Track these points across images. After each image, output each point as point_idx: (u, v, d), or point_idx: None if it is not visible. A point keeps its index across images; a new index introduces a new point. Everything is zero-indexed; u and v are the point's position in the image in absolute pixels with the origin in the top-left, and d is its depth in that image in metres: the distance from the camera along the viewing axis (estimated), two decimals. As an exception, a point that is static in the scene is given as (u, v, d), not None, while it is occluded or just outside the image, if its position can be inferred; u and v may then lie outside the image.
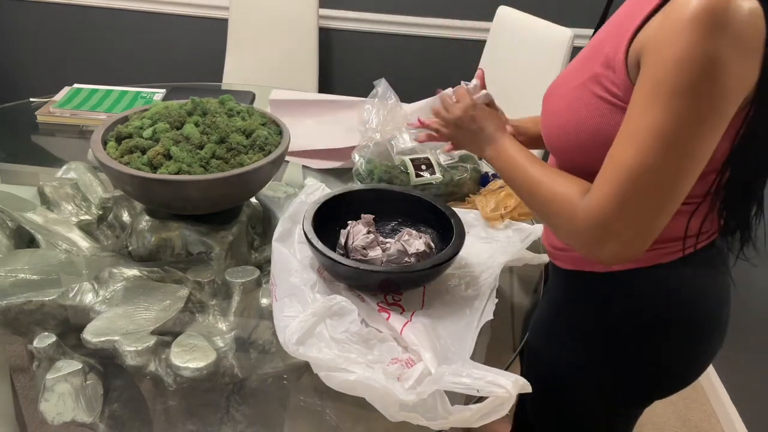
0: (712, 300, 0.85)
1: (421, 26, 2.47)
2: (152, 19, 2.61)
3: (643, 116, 0.65)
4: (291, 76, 2.39)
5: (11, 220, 1.07)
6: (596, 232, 0.69)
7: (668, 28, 0.63)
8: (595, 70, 0.73)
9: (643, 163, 0.65)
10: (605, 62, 0.72)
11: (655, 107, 0.64)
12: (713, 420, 1.87)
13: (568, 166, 0.80)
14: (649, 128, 0.64)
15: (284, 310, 0.89)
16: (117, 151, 1.00)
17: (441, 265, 0.92)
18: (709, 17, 0.60)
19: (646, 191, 0.66)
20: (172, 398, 0.88)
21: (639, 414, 0.98)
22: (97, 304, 0.91)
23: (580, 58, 0.82)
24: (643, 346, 0.85)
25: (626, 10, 0.75)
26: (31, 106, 1.70)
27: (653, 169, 0.65)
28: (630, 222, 0.67)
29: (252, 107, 1.16)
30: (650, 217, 0.67)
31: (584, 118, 0.74)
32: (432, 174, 1.30)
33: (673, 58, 0.62)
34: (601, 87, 0.73)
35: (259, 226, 1.17)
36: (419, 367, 0.80)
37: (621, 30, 0.71)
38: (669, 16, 0.64)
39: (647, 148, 0.64)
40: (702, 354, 0.88)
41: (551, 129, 0.82)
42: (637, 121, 0.66)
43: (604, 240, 0.69)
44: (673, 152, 0.64)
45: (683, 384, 0.90)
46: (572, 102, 0.77)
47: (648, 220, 0.67)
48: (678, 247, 0.80)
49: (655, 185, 0.66)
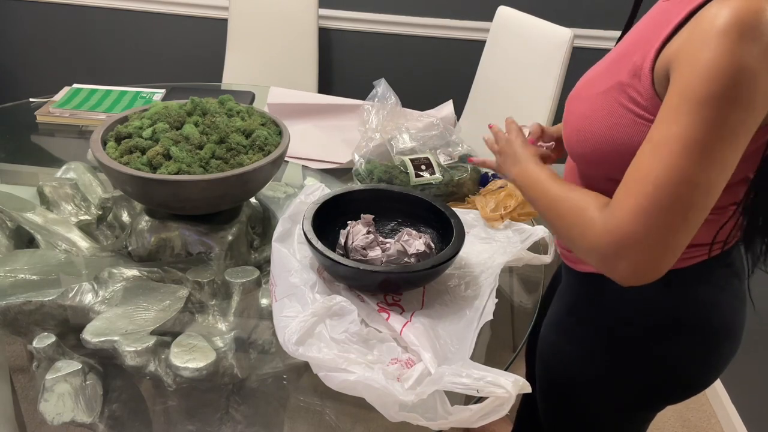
0: (726, 307, 0.84)
1: (421, 26, 2.47)
2: (152, 19, 2.61)
3: (671, 127, 0.63)
4: (291, 76, 2.39)
5: (11, 220, 1.07)
6: (615, 247, 0.66)
7: (698, 39, 0.62)
8: (621, 78, 0.73)
9: (670, 175, 0.63)
10: (632, 71, 0.71)
11: (683, 117, 0.62)
12: (713, 420, 1.87)
13: (585, 170, 0.80)
14: (677, 139, 0.62)
15: (284, 310, 0.89)
16: (116, 151, 1.00)
17: (441, 265, 0.92)
18: (740, 28, 0.59)
19: (673, 204, 0.63)
20: (172, 398, 0.88)
21: (651, 418, 0.97)
22: (96, 305, 0.91)
23: (606, 62, 0.80)
24: (656, 351, 0.85)
25: (653, 19, 0.74)
26: (31, 106, 1.70)
27: (681, 181, 0.63)
28: (654, 238, 0.64)
29: (252, 107, 1.15)
30: (675, 231, 0.64)
31: (607, 126, 0.74)
32: (432, 174, 1.30)
33: (703, 67, 0.61)
34: (626, 96, 0.72)
35: (258, 226, 1.17)
36: (419, 368, 0.80)
37: (649, 39, 0.70)
38: (699, 27, 0.63)
39: (675, 159, 0.62)
40: (715, 360, 0.87)
41: (572, 132, 0.81)
42: (664, 132, 0.64)
43: (621, 255, 0.66)
44: (702, 162, 0.62)
45: (696, 390, 0.89)
46: (596, 108, 0.76)
47: (673, 235, 0.64)
48: (697, 252, 0.79)
49: (683, 198, 0.63)
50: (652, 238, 0.65)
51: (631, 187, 0.66)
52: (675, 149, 0.62)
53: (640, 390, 0.88)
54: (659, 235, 0.64)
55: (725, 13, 0.60)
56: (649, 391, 0.88)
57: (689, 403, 1.92)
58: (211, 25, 2.57)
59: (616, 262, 0.67)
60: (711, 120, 0.61)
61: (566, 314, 0.94)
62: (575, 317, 0.92)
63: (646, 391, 0.88)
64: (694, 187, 0.63)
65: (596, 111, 0.76)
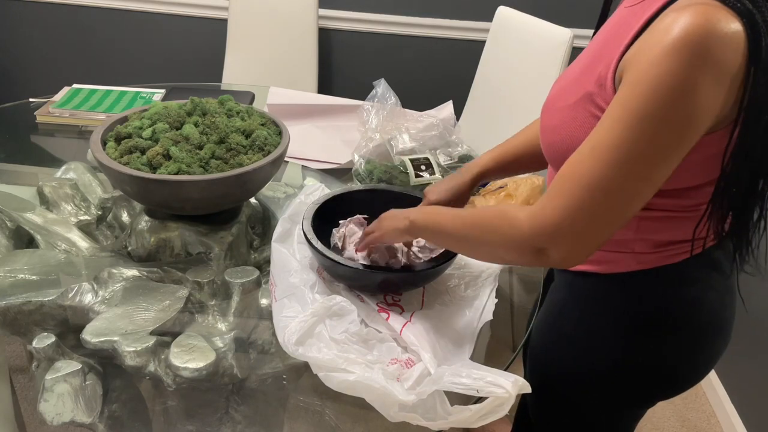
0: (714, 303, 0.85)
1: (421, 26, 2.47)
2: (152, 19, 2.61)
3: (609, 134, 0.65)
4: (290, 76, 2.39)
5: (10, 220, 1.07)
6: (543, 238, 0.70)
7: (647, 52, 0.64)
8: (588, 89, 0.74)
9: (599, 183, 0.66)
10: (597, 81, 0.72)
11: (621, 128, 0.64)
12: (713, 420, 1.87)
13: None
14: (611, 148, 0.65)
15: (284, 310, 0.89)
16: (116, 151, 1.00)
17: (441, 265, 0.92)
18: (689, 47, 0.60)
19: (597, 208, 0.67)
20: (172, 398, 0.88)
21: (641, 415, 0.98)
22: (96, 305, 0.91)
23: (575, 70, 0.81)
24: (645, 347, 0.85)
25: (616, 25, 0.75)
26: (31, 106, 1.70)
27: (609, 189, 0.66)
28: (580, 230, 0.68)
29: (251, 107, 1.15)
30: (598, 231, 0.69)
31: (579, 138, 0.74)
32: (431, 174, 1.30)
33: (648, 83, 0.63)
34: (594, 105, 0.73)
35: (258, 227, 1.17)
36: (419, 368, 0.80)
37: (611, 49, 0.71)
38: (651, 39, 0.64)
39: (605, 169, 0.65)
40: (704, 356, 0.88)
41: (549, 144, 0.82)
42: (602, 138, 0.66)
43: (551, 245, 0.70)
44: (630, 175, 0.65)
45: (686, 385, 0.90)
46: (568, 120, 0.77)
47: (596, 233, 0.69)
48: (680, 249, 0.80)
49: (607, 203, 0.66)
50: (577, 234, 0.69)
51: (563, 186, 0.69)
52: (607, 158, 0.65)
53: (630, 387, 0.89)
54: (583, 233, 0.69)
55: (678, 28, 0.61)
56: (640, 388, 0.89)
57: (689, 403, 1.92)
58: (211, 25, 2.57)
59: (540, 252, 0.71)
60: (647, 137, 0.63)
61: (557, 312, 0.95)
62: (565, 315, 0.93)
63: (637, 387, 0.89)
64: (619, 196, 0.66)
65: (567, 123, 0.77)
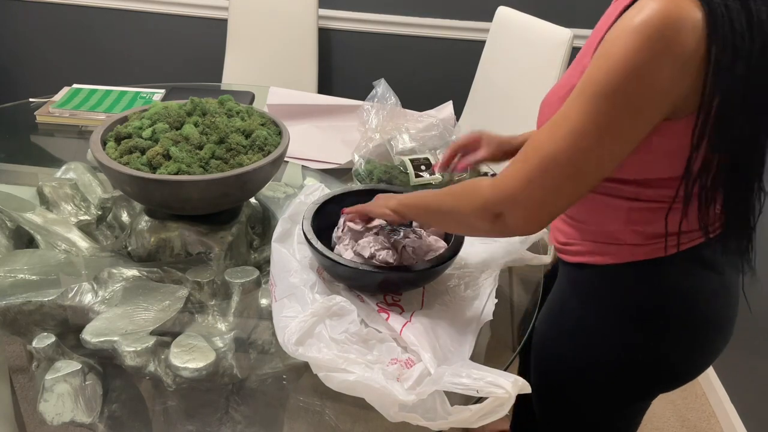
0: (708, 297, 0.85)
1: (421, 26, 2.47)
2: (152, 19, 2.61)
3: (570, 109, 0.68)
4: (290, 76, 2.39)
5: (10, 220, 1.07)
6: (501, 203, 0.74)
7: (615, 33, 0.66)
8: (574, 81, 0.75)
9: (555, 155, 0.69)
10: (582, 71, 0.73)
11: (580, 103, 0.67)
12: (712, 420, 1.87)
13: None
14: (569, 122, 0.68)
15: (283, 310, 0.89)
16: (116, 151, 1.00)
17: (440, 266, 0.92)
18: (650, 29, 0.62)
19: (551, 176, 0.70)
20: (172, 399, 0.88)
21: (644, 408, 0.98)
22: (96, 305, 0.91)
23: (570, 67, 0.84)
24: (643, 339, 0.86)
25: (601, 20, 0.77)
26: (31, 106, 1.69)
27: (564, 162, 0.69)
28: (534, 197, 0.72)
29: (251, 107, 1.15)
30: (552, 198, 0.72)
31: None
32: (431, 174, 1.30)
33: (609, 61, 0.65)
34: None
35: (258, 227, 1.17)
36: (419, 368, 0.80)
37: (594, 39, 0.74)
38: (619, 24, 0.66)
39: (561, 142, 0.68)
40: (702, 350, 0.88)
41: None
42: (564, 112, 0.69)
43: (507, 211, 0.73)
44: (584, 149, 0.68)
45: (685, 378, 0.91)
46: None
47: (550, 200, 0.72)
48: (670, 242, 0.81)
49: (558, 174, 0.70)
50: (532, 198, 0.72)
51: (524, 154, 0.72)
52: (564, 131, 0.68)
53: (629, 380, 0.89)
54: (538, 197, 0.72)
55: (644, 12, 0.63)
56: (640, 380, 0.90)
57: (689, 403, 1.92)
58: (211, 25, 2.57)
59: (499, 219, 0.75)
60: (602, 113, 0.66)
61: (558, 309, 0.95)
62: (566, 309, 0.93)
63: (636, 380, 0.89)
64: (568, 168, 0.69)
65: None
